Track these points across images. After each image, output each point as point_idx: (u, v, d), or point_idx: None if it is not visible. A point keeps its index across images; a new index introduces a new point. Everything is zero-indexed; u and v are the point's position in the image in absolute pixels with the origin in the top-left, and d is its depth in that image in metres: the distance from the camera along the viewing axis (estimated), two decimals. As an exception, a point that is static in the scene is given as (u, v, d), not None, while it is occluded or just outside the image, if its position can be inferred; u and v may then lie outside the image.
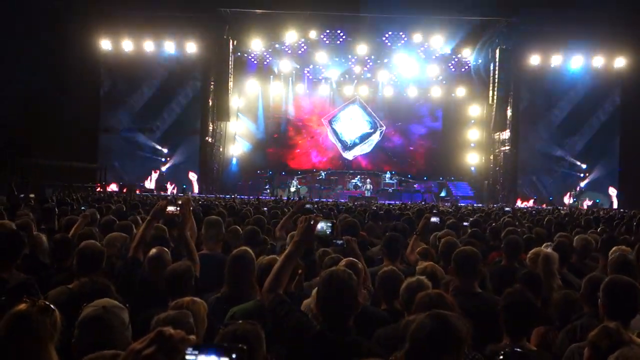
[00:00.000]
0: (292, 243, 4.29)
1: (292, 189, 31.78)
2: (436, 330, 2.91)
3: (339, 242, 6.11)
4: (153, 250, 5.41)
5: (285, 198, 24.94)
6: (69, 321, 3.27)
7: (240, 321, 3.41)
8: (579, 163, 32.66)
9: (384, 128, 34.84)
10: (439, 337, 2.90)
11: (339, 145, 35.07)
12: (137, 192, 28.02)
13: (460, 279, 5.05)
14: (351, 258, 5.26)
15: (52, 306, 3.13)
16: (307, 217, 4.33)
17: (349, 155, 35.10)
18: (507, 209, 14.26)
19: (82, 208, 10.73)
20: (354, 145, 35.04)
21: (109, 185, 29.98)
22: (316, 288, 4.22)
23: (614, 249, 6.10)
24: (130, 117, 32.33)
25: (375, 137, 35.11)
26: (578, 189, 32.51)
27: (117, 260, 5.93)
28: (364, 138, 35.08)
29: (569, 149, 32.74)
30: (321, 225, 4.69)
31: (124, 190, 28.03)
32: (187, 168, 32.23)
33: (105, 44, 31.21)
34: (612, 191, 32.29)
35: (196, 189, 31.78)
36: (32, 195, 12.14)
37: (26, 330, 3.01)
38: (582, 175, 32.74)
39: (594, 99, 32.27)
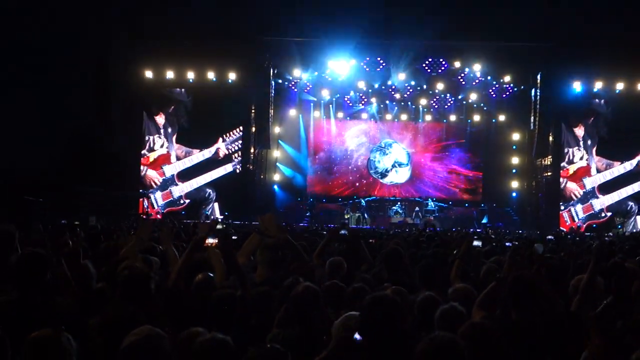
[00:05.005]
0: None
1: (347, 216, 32.08)
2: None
3: (343, 231, 8.46)
4: (199, 276, 5.44)
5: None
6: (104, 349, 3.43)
7: (269, 345, 3.43)
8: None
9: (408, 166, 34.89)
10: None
11: (376, 175, 35.03)
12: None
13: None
14: (399, 287, 5.16)
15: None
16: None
17: (385, 181, 34.98)
18: (549, 237, 13.87)
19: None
20: (388, 172, 34.95)
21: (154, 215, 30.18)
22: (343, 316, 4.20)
23: None
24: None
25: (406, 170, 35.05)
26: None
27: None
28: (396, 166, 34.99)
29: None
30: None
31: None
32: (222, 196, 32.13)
33: (148, 74, 31.37)
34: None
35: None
36: (76, 223, 12.24)
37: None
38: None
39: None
